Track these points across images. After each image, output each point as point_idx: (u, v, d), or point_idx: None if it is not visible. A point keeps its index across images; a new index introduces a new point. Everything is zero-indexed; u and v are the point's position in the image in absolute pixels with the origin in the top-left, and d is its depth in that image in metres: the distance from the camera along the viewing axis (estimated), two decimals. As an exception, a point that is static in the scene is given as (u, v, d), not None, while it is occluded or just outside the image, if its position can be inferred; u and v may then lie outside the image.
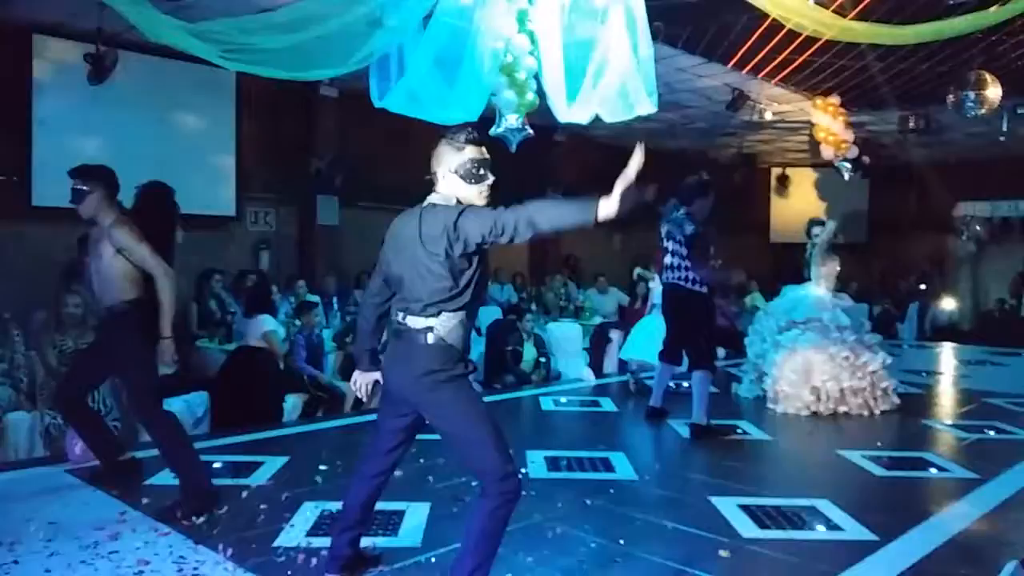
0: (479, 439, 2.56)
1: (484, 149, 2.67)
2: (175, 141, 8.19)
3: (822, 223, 6.80)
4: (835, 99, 9.82)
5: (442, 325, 2.56)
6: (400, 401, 2.70)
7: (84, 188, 3.77)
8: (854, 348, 6.28)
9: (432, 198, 2.66)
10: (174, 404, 5.27)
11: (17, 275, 6.58)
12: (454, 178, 2.62)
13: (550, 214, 2.52)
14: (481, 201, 2.63)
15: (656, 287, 6.68)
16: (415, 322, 2.58)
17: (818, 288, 6.62)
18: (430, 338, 2.56)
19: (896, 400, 6.36)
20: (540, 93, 5.96)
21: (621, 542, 3.30)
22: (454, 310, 2.57)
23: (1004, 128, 9.94)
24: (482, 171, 2.62)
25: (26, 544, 3.13)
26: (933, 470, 4.66)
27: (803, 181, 15.27)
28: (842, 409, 6.11)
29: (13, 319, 5.42)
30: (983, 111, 8.30)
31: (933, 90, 8.78)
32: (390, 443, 2.80)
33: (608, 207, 2.43)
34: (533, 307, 9.60)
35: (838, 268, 6.71)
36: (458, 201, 2.61)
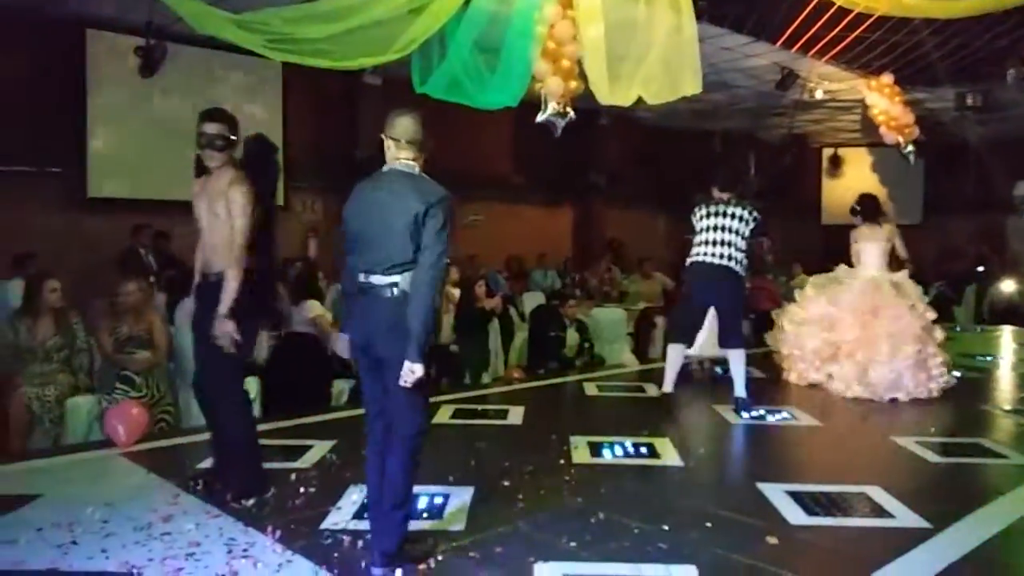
0: (419, 401, 2.84)
1: (419, 120, 2.92)
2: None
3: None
4: (888, 78, 9.53)
5: (405, 280, 2.76)
6: (364, 353, 2.89)
7: (232, 136, 3.52)
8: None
9: (395, 165, 2.87)
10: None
11: (74, 264, 6.78)
12: (412, 147, 2.86)
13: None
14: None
15: None
16: (380, 279, 2.78)
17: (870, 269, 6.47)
18: (395, 291, 2.76)
19: (953, 380, 6.19)
20: (582, 77, 5.92)
21: (665, 528, 3.28)
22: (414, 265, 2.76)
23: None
24: (425, 139, 2.89)
25: (84, 525, 3.24)
26: (990, 457, 4.53)
27: (855, 161, 14.90)
28: (895, 395, 5.97)
29: (72, 307, 5.59)
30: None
31: (991, 65, 8.47)
32: (376, 407, 2.93)
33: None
34: (577, 292, 9.56)
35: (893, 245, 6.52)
36: (420, 169, 2.87)
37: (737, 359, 5.58)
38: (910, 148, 10.27)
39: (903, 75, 9.57)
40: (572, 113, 5.91)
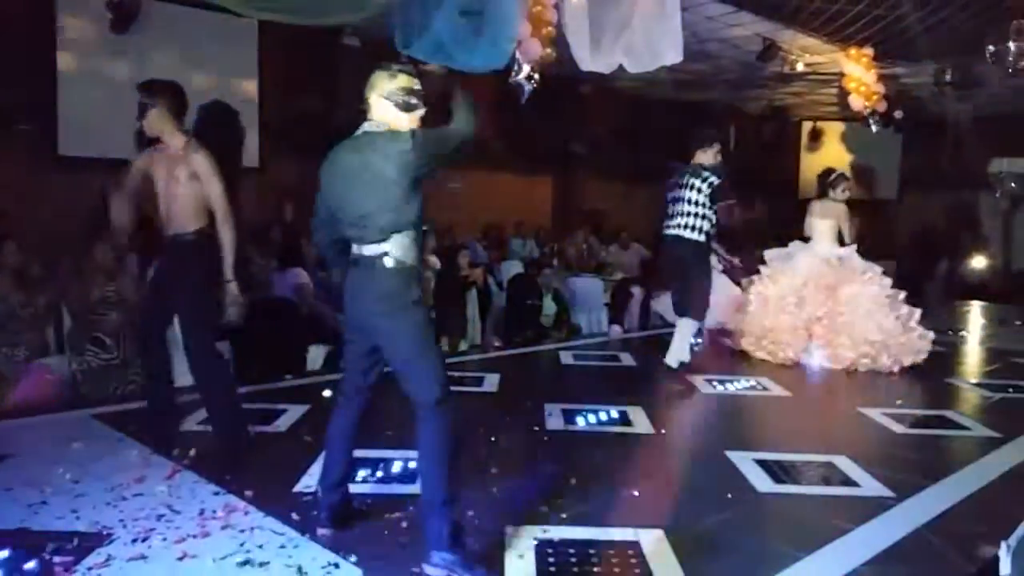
0: (427, 367, 2.64)
1: (416, 80, 2.78)
2: (198, 91, 8.14)
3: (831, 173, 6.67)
4: (868, 50, 9.53)
5: (396, 246, 2.65)
6: (359, 329, 2.78)
7: (146, 102, 3.66)
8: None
9: (366, 126, 2.75)
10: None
11: (44, 223, 6.65)
12: (387, 104, 2.72)
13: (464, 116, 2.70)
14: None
15: None
16: (370, 249, 2.67)
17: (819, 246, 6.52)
18: (388, 262, 2.65)
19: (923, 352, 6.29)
20: (564, 43, 5.85)
21: (635, 493, 3.33)
22: (405, 230, 2.65)
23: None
24: (413, 100, 2.75)
25: (55, 486, 3.22)
26: (954, 429, 4.63)
27: (833, 135, 14.95)
28: (865, 363, 6.06)
29: (40, 267, 5.50)
30: (1023, 64, 8.02)
31: (971, 42, 8.48)
32: (358, 381, 2.87)
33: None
34: (555, 262, 9.56)
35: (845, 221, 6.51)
36: (390, 128, 2.70)
37: (683, 327, 5.56)
38: (874, 115, 10.30)
39: (883, 49, 9.57)
40: (537, 78, 5.87)
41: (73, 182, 7.36)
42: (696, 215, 5.40)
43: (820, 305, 6.28)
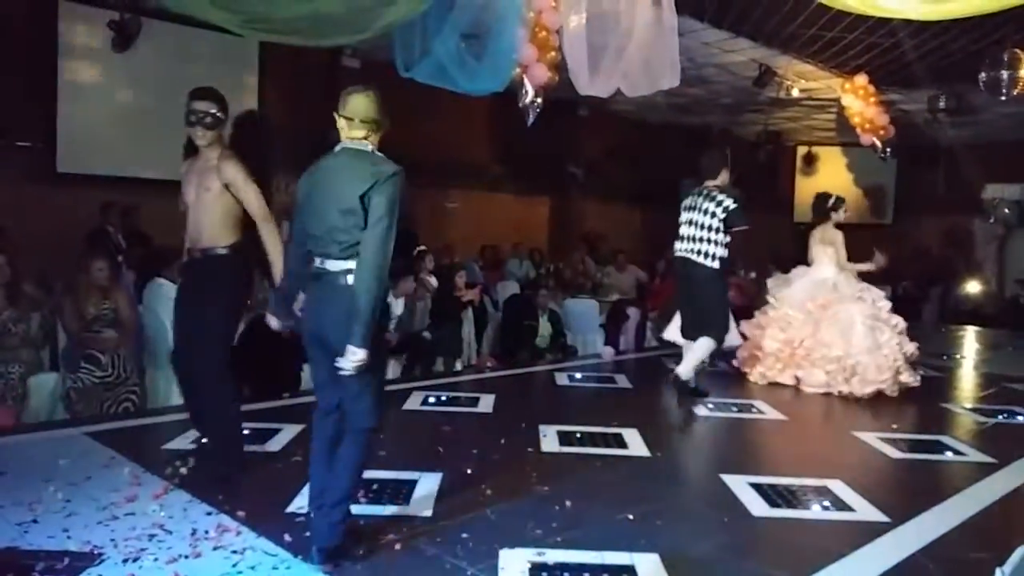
0: (375, 394, 2.76)
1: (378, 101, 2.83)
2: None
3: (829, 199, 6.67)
4: (863, 78, 9.64)
5: None
6: (320, 344, 2.79)
7: (220, 115, 3.53)
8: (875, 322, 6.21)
9: (347, 143, 2.80)
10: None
11: (42, 240, 6.66)
12: (365, 127, 2.77)
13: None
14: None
15: None
16: (334, 265, 2.70)
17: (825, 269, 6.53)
18: (350, 279, 2.67)
19: (917, 379, 6.28)
20: (562, 66, 5.91)
21: (630, 517, 3.31)
22: None
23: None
24: (380, 119, 2.81)
25: (45, 504, 3.20)
26: (949, 453, 4.63)
27: (829, 160, 15.06)
28: (865, 389, 6.05)
29: (37, 284, 5.50)
30: (1016, 91, 8.12)
31: (965, 69, 8.58)
32: (327, 401, 2.87)
33: None
34: (551, 283, 9.58)
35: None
36: (373, 148, 2.79)
37: (698, 345, 5.60)
38: (888, 149, 10.43)
39: (878, 76, 9.68)
40: (539, 102, 5.95)
41: (72, 199, 7.38)
42: (707, 240, 5.39)
43: (803, 326, 6.29)
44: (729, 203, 5.38)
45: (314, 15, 4.76)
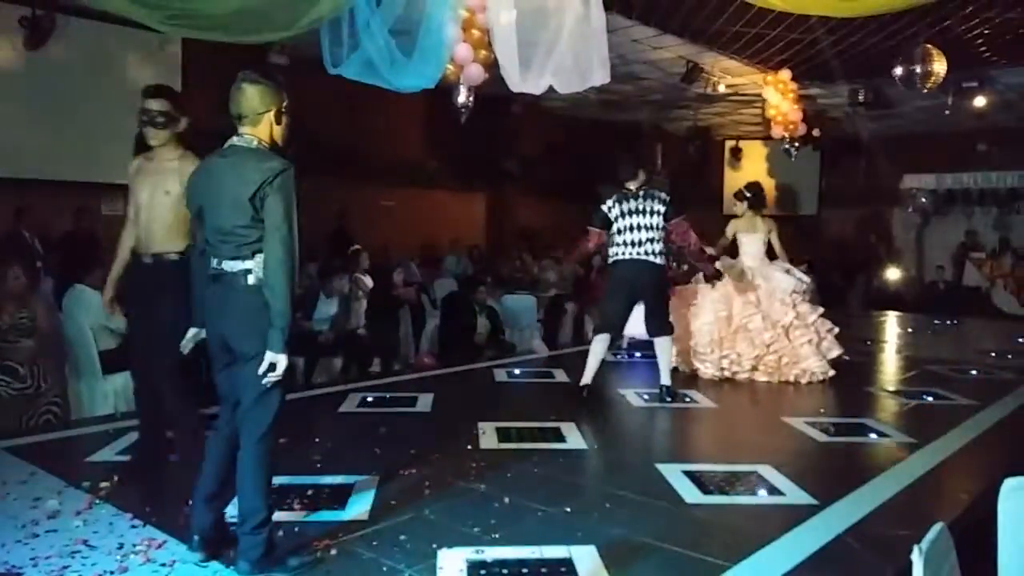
0: (276, 398, 2.65)
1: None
2: (117, 110, 7.93)
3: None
4: (785, 74, 9.93)
5: (259, 265, 2.60)
6: (224, 350, 2.71)
7: (173, 113, 3.44)
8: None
9: (233, 140, 2.73)
10: (117, 380, 5.17)
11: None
12: (268, 118, 2.73)
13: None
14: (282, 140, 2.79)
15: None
16: (231, 266, 2.62)
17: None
18: (250, 279, 2.61)
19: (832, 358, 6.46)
20: (495, 64, 5.90)
21: (568, 510, 3.34)
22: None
23: (949, 102, 10.17)
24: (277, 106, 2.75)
25: (-40, 524, 3.06)
26: (873, 435, 4.80)
27: (755, 154, 15.45)
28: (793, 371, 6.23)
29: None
30: (929, 85, 8.46)
31: (882, 64, 8.91)
32: (231, 402, 2.76)
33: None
34: (488, 279, 9.58)
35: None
36: (272, 144, 2.74)
37: (663, 347, 5.61)
38: (792, 144, 10.85)
39: (800, 71, 9.97)
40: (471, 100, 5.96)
41: (-17, 203, 7.05)
42: (658, 240, 5.43)
43: (744, 307, 6.39)
44: (666, 196, 5.46)
45: (238, 11, 4.65)
